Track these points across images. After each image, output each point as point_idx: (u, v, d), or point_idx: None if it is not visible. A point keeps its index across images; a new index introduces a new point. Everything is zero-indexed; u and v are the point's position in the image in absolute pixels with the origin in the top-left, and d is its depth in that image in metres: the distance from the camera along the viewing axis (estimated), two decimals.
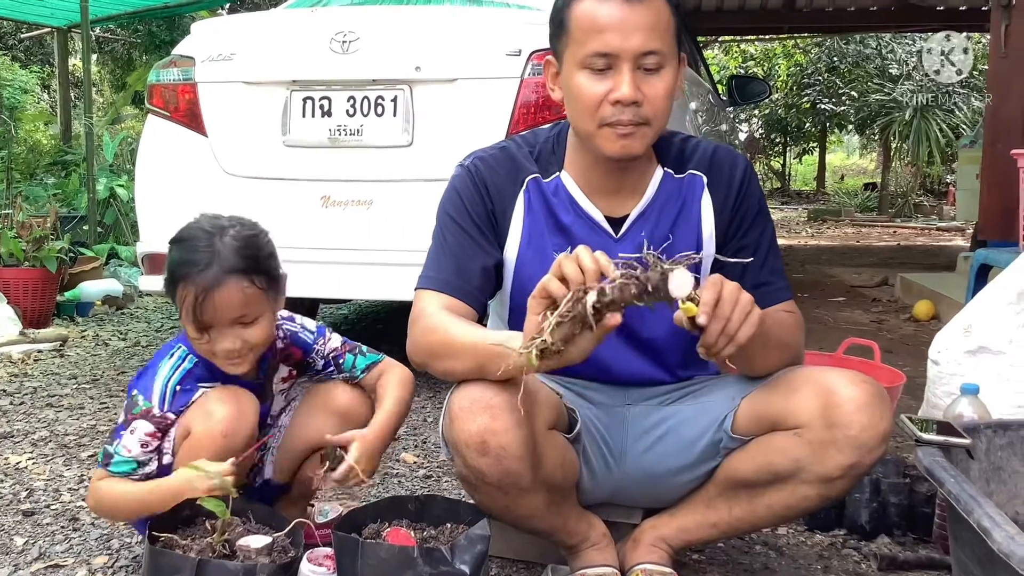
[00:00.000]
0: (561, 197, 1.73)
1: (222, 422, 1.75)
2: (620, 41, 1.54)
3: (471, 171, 1.75)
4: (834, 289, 6.95)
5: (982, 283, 3.58)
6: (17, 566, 2.00)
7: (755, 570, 1.99)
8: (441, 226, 1.75)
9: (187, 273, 1.74)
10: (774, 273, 1.76)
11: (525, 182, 1.74)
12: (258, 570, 1.52)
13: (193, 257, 1.74)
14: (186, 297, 1.74)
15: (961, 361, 2.40)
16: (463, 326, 1.59)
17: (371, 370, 2.01)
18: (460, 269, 1.70)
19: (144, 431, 1.77)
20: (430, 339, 1.61)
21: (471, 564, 1.52)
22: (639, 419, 1.80)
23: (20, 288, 4.76)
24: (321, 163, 3.39)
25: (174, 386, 1.81)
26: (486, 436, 1.51)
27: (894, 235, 13.01)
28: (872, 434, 1.55)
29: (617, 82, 1.56)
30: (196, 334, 1.78)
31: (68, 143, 8.73)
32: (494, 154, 1.77)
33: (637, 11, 1.54)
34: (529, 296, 1.39)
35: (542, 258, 1.69)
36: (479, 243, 1.72)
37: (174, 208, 3.54)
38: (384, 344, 4.37)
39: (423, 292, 1.70)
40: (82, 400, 3.42)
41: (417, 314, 1.67)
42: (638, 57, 1.55)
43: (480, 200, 1.73)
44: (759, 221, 1.76)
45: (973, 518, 1.34)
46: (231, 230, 1.78)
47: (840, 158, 29.72)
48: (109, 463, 1.77)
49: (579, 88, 1.60)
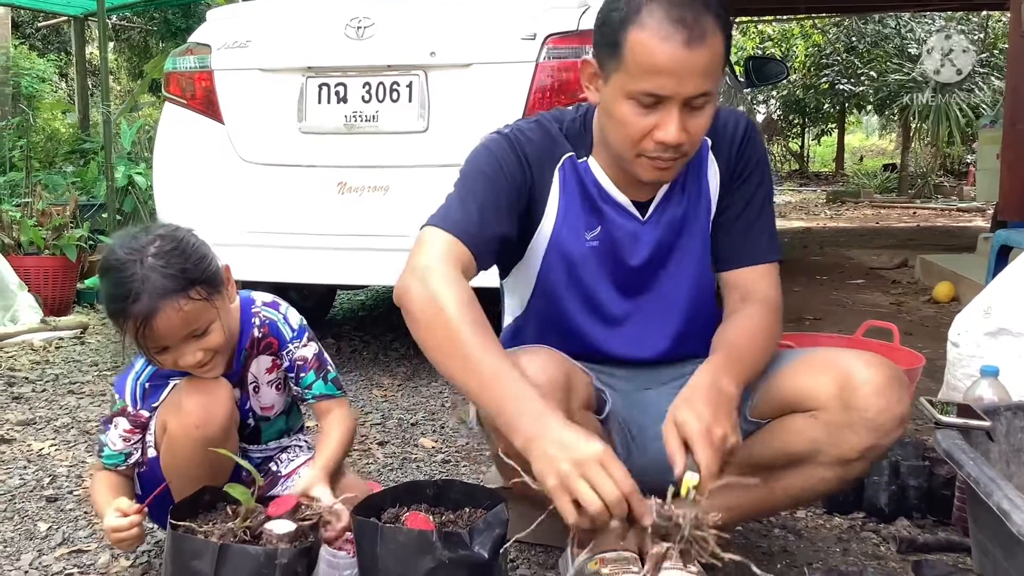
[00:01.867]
0: (590, 181, 1.71)
1: (193, 414, 1.74)
2: (675, 86, 1.47)
3: (511, 139, 1.68)
4: (853, 271, 6.91)
5: (1002, 264, 3.55)
6: (41, 551, 2.02)
7: (774, 553, 1.99)
8: (468, 178, 1.65)
9: (119, 308, 1.69)
10: (761, 231, 1.75)
11: (562, 159, 1.71)
12: (279, 555, 1.53)
13: (120, 291, 1.68)
14: (127, 330, 1.71)
15: (981, 343, 2.38)
16: (483, 339, 1.44)
17: (323, 401, 1.95)
18: (483, 220, 1.59)
19: (123, 428, 1.84)
20: (439, 330, 1.47)
21: (489, 548, 1.52)
22: (657, 403, 1.79)
23: (41, 276, 4.80)
24: (337, 149, 3.39)
25: (143, 384, 1.85)
26: None
27: (914, 216, 12.92)
28: (889, 416, 1.54)
29: (664, 121, 1.50)
30: (153, 358, 1.77)
31: (86, 131, 8.75)
32: (532, 127, 1.71)
33: (696, 54, 1.45)
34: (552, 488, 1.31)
35: (575, 236, 1.71)
36: (508, 205, 1.63)
37: (192, 195, 3.57)
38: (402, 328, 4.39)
39: (434, 231, 1.57)
40: (103, 387, 3.44)
41: (426, 262, 1.52)
42: (689, 99, 1.50)
43: (520, 169, 1.66)
44: (754, 177, 1.75)
45: (993, 500, 1.34)
46: (150, 248, 1.70)
47: (859, 139, 29.51)
48: (101, 453, 1.86)
49: (623, 117, 1.54)
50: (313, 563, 1.61)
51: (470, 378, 1.43)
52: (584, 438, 1.32)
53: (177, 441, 1.76)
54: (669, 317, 1.78)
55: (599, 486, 1.27)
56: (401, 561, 1.51)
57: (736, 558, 1.29)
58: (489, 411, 1.43)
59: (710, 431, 1.41)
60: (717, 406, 1.45)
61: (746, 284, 1.74)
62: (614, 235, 1.72)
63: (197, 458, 1.76)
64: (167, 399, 1.81)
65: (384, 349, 4.04)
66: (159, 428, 1.81)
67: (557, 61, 3.18)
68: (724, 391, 1.49)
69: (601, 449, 1.30)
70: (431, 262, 1.52)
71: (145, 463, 1.85)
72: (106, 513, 1.73)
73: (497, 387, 1.40)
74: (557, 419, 1.35)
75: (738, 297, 1.74)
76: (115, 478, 1.86)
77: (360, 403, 3.19)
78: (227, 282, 1.82)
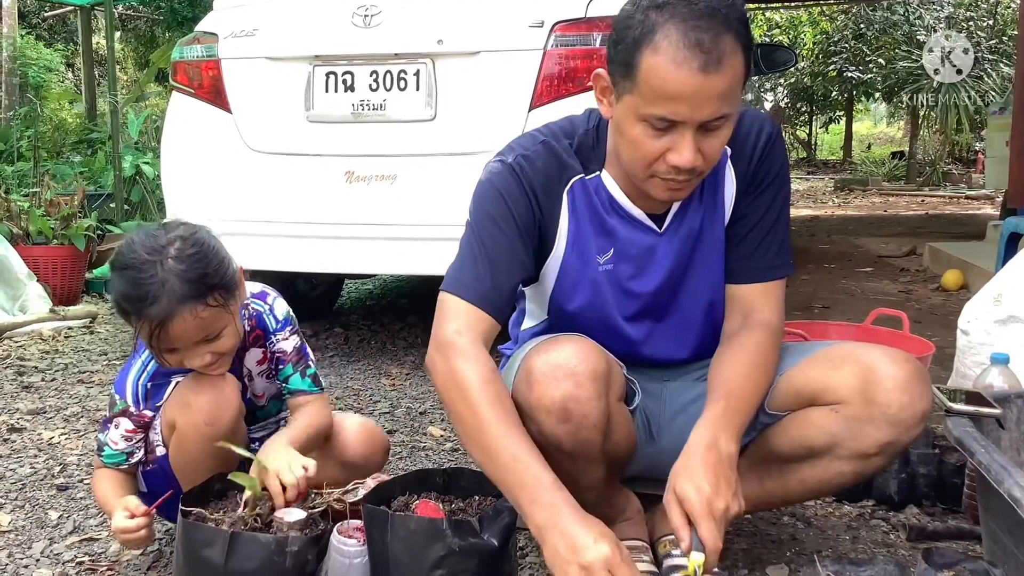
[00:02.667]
0: (602, 197, 1.65)
1: (203, 412, 1.74)
2: (690, 112, 1.42)
3: (516, 171, 1.62)
4: (861, 259, 6.89)
5: (1012, 251, 3.54)
6: (52, 539, 2.03)
7: (783, 541, 1.99)
8: (479, 228, 1.62)
9: (137, 308, 1.66)
10: (771, 246, 1.69)
11: (571, 182, 1.65)
12: (289, 543, 1.53)
13: (137, 292, 1.65)
14: (141, 329, 1.70)
15: (991, 330, 2.37)
16: (501, 419, 1.46)
17: (299, 396, 1.93)
18: (496, 282, 1.58)
19: (125, 427, 1.83)
20: (460, 407, 1.49)
21: (499, 535, 1.53)
22: (676, 395, 1.80)
23: (49, 266, 4.81)
24: (345, 138, 3.39)
25: (144, 384, 1.84)
26: (569, 404, 1.50)
27: (922, 204, 12.87)
28: (911, 413, 1.53)
29: (678, 145, 1.45)
30: (161, 357, 1.75)
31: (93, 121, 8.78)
32: (537, 151, 1.64)
33: (712, 80, 1.39)
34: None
35: (585, 262, 1.67)
36: (519, 255, 1.62)
37: (200, 184, 3.58)
38: (411, 316, 4.40)
39: (453, 300, 1.58)
40: (113, 376, 3.43)
41: (447, 337, 1.54)
42: (705, 122, 1.45)
43: (528, 206, 1.62)
44: (772, 188, 1.68)
45: (1004, 488, 1.34)
46: (171, 249, 1.68)
47: (867, 127, 29.39)
48: (101, 453, 1.84)
49: (635, 138, 1.49)
50: (324, 551, 1.62)
51: (488, 460, 1.46)
52: (593, 539, 1.33)
53: (187, 438, 1.76)
54: (688, 331, 1.76)
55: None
56: (411, 549, 1.51)
57: None
58: (506, 495, 1.46)
59: (711, 504, 1.40)
60: (717, 472, 1.44)
61: (749, 302, 1.69)
62: (629, 253, 1.67)
63: (207, 454, 1.76)
64: (173, 396, 1.80)
65: (392, 338, 4.04)
66: (166, 426, 1.81)
67: (565, 48, 3.17)
68: (723, 451, 1.47)
69: (608, 553, 1.32)
70: (451, 337, 1.54)
71: (154, 462, 1.85)
72: (115, 512, 1.73)
73: (514, 473, 1.42)
74: (568, 509, 1.37)
75: (739, 316, 1.70)
76: (118, 475, 1.85)
77: (368, 392, 3.20)
78: (240, 284, 1.80)
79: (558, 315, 1.75)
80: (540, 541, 1.38)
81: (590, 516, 1.38)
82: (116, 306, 1.74)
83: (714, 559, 1.39)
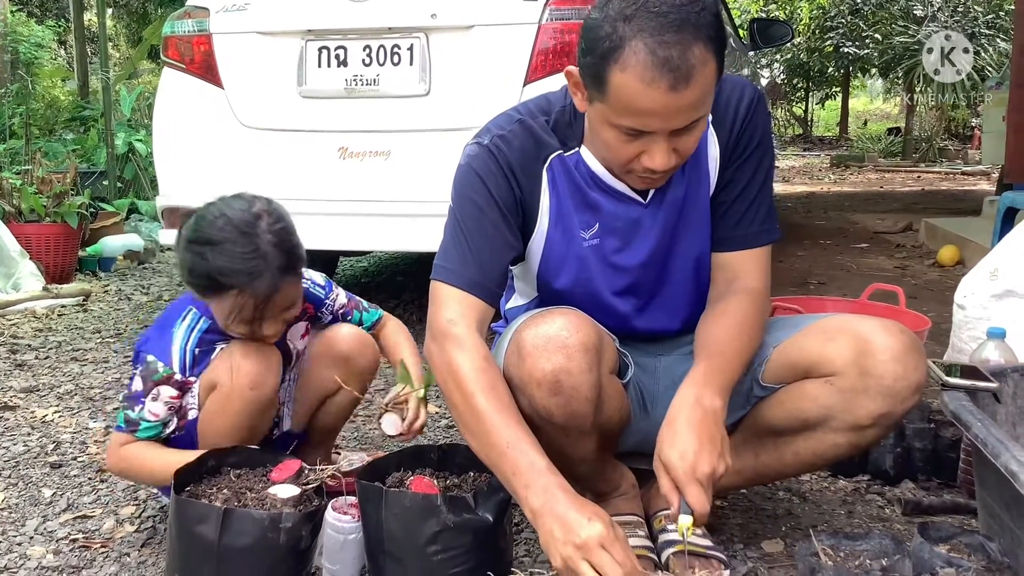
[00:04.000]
0: (583, 172, 1.63)
1: (249, 375, 1.76)
2: (660, 124, 1.40)
3: (493, 152, 1.61)
4: (857, 235, 6.89)
5: (1008, 227, 3.52)
6: (46, 517, 2.02)
7: (778, 516, 1.99)
8: (461, 213, 1.62)
9: (242, 282, 1.70)
10: (756, 213, 1.67)
11: (548, 160, 1.63)
12: (283, 519, 1.53)
13: (245, 266, 1.69)
14: (241, 304, 1.73)
15: (987, 305, 2.37)
16: (496, 406, 1.47)
17: (375, 327, 2.09)
18: (483, 267, 1.59)
19: (168, 395, 1.79)
20: (456, 396, 1.51)
21: (494, 511, 1.52)
22: (670, 369, 1.79)
23: (42, 244, 4.79)
24: (338, 114, 3.36)
25: (192, 350, 1.82)
26: (560, 376, 1.50)
27: (918, 180, 12.86)
28: (905, 384, 1.52)
29: (651, 150, 1.44)
30: (244, 329, 1.78)
31: (86, 98, 8.70)
32: (514, 130, 1.63)
33: (683, 96, 1.35)
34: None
35: (569, 238, 1.66)
36: (504, 236, 1.62)
37: (192, 161, 3.55)
38: (406, 294, 4.38)
39: (444, 288, 1.59)
40: (106, 354, 3.44)
41: (441, 326, 1.55)
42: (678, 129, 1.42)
43: (507, 185, 1.61)
44: (755, 155, 1.66)
45: (1000, 462, 1.33)
46: (262, 224, 1.73)
47: (863, 103, 29.31)
48: (136, 429, 1.78)
49: (608, 142, 1.48)
50: (318, 527, 1.61)
51: (483, 447, 1.48)
52: (587, 518, 1.33)
53: (229, 399, 1.77)
54: (678, 301, 1.75)
55: (602, 567, 1.30)
56: (406, 525, 1.51)
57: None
58: (502, 481, 1.47)
59: (695, 469, 1.41)
60: (701, 432, 1.44)
61: (735, 269, 1.68)
62: (614, 227, 1.66)
63: (243, 418, 1.78)
64: (219, 359, 1.81)
65: None
66: (205, 388, 1.81)
67: (560, 22, 3.14)
68: (707, 407, 1.47)
69: (603, 531, 1.32)
70: (444, 325, 1.55)
71: (183, 428, 1.83)
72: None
73: (509, 459, 1.43)
74: (562, 493, 1.37)
75: (725, 281, 1.69)
76: (158, 450, 1.81)
77: None
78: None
79: (546, 293, 1.74)
80: (535, 526, 1.37)
81: (584, 499, 1.38)
82: (204, 280, 1.73)
83: (702, 521, 1.40)
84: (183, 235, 1.78)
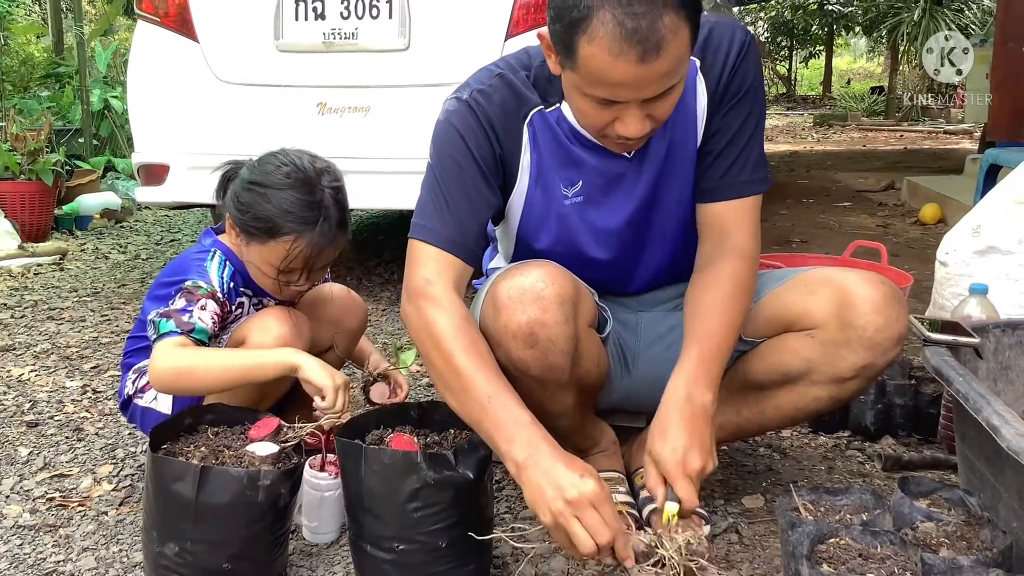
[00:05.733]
0: (564, 128, 1.58)
1: (278, 340, 1.77)
2: (631, 94, 1.35)
3: (473, 107, 1.56)
4: (840, 194, 6.89)
5: (991, 184, 3.52)
6: (22, 476, 2.00)
7: (759, 472, 2.00)
8: (440, 169, 1.58)
9: (298, 230, 1.76)
10: (746, 162, 1.60)
11: (529, 115, 1.58)
12: (261, 476, 1.51)
13: (307, 213, 1.76)
14: (296, 252, 1.77)
15: (969, 261, 2.36)
16: (475, 363, 1.44)
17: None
18: (462, 225, 1.55)
19: (213, 309, 1.78)
20: (434, 356, 1.48)
21: (475, 469, 1.51)
22: (652, 325, 1.77)
23: (17, 201, 4.72)
24: (316, 68, 3.31)
25: (228, 282, 1.84)
26: (535, 328, 1.48)
27: (900, 139, 12.86)
28: (887, 335, 1.52)
29: (624, 118, 1.39)
30: (272, 273, 1.81)
31: (60, 55, 8.55)
32: (494, 85, 1.58)
33: (653, 67, 1.29)
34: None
35: (550, 196, 1.62)
36: (483, 194, 1.57)
37: (167, 117, 3.49)
38: (386, 253, 4.35)
39: (421, 246, 1.55)
40: (83, 313, 3.40)
41: (418, 286, 1.51)
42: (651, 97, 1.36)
43: (487, 142, 1.57)
44: (745, 101, 1.59)
45: (982, 416, 1.33)
46: (324, 179, 1.80)
47: (847, 62, 29.25)
48: (192, 330, 1.73)
49: (581, 109, 1.44)
50: (296, 485, 1.60)
51: (463, 405, 1.45)
52: (579, 475, 1.31)
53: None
54: (661, 258, 1.72)
55: (592, 529, 1.28)
56: (385, 482, 1.49)
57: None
58: (484, 438, 1.45)
59: (685, 464, 1.39)
60: (691, 430, 1.42)
61: (724, 223, 1.61)
62: (598, 183, 1.62)
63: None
64: (255, 318, 1.83)
65: (368, 274, 4.00)
66: (234, 340, 1.83)
67: None
68: (698, 404, 1.44)
69: (595, 488, 1.30)
70: (420, 285, 1.52)
71: None
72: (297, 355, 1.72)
73: (490, 415, 1.40)
74: (548, 447, 1.35)
75: (714, 239, 1.62)
76: (222, 351, 1.81)
77: None
78: None
79: (528, 252, 1.70)
80: (520, 481, 1.36)
81: (570, 454, 1.37)
82: (263, 222, 1.77)
83: (689, 511, 1.39)
84: (243, 176, 1.82)
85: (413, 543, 1.48)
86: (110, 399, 2.46)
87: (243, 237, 1.82)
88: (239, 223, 1.81)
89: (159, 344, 1.72)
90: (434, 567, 1.50)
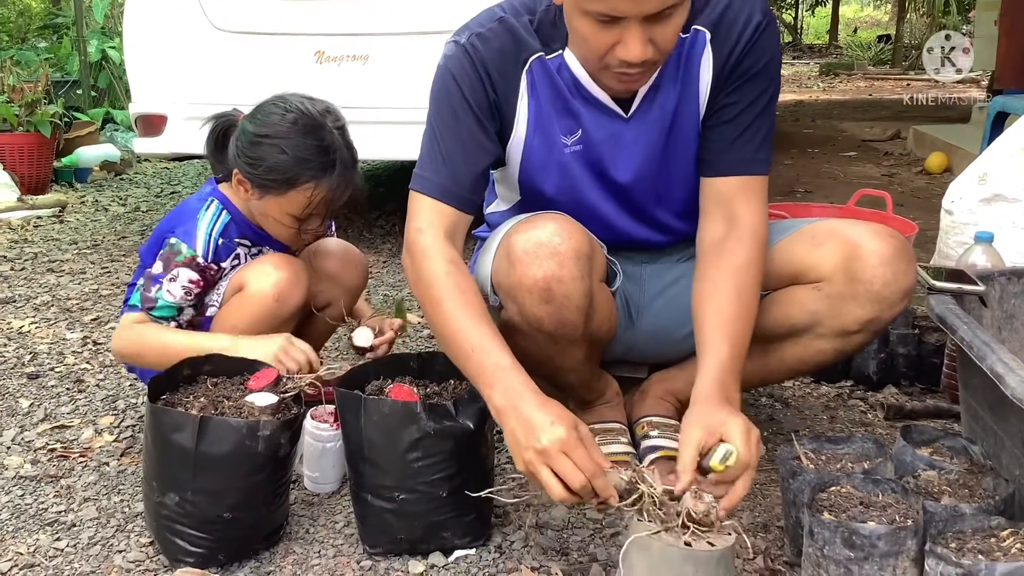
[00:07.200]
0: (565, 78, 1.54)
1: (276, 285, 1.76)
2: (631, 7, 1.30)
3: (469, 52, 1.53)
4: (845, 143, 6.83)
5: (998, 132, 3.47)
6: (23, 427, 2.00)
7: (761, 422, 1.99)
8: (436, 117, 1.56)
9: (316, 176, 1.75)
10: (752, 139, 1.56)
11: (529, 62, 1.54)
12: (261, 427, 1.50)
13: (323, 158, 1.75)
14: (316, 198, 1.76)
15: (975, 210, 2.34)
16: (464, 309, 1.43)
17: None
18: (455, 173, 1.53)
19: (187, 278, 1.78)
20: (425, 303, 1.49)
21: (475, 418, 1.50)
22: (656, 277, 1.75)
23: (16, 153, 4.69)
24: (314, 16, 3.26)
25: (217, 237, 1.82)
26: (552, 284, 1.46)
27: (907, 88, 12.70)
28: (894, 289, 1.50)
29: (625, 39, 1.34)
30: (292, 223, 1.80)
31: (58, 5, 8.46)
32: (493, 28, 1.54)
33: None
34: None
35: (550, 145, 1.58)
36: (478, 140, 1.55)
37: (164, 66, 3.45)
38: (388, 204, 4.33)
39: (417, 197, 1.54)
40: (83, 265, 3.39)
41: (411, 236, 1.51)
42: (652, 14, 1.32)
43: (481, 87, 1.53)
44: (754, 82, 1.54)
45: (987, 364, 1.31)
46: (329, 120, 1.78)
47: (854, 10, 28.84)
48: (152, 307, 1.77)
49: (581, 32, 1.39)
50: (296, 435, 1.59)
51: (451, 350, 1.45)
52: (550, 421, 1.28)
53: (251, 303, 1.78)
54: (666, 215, 1.68)
55: (564, 474, 1.26)
56: (385, 432, 1.49)
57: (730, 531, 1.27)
58: (471, 382, 1.44)
59: (750, 431, 1.30)
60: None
61: (732, 202, 1.55)
62: (595, 138, 1.58)
63: (257, 326, 1.78)
64: (255, 264, 1.82)
65: (369, 226, 3.98)
66: (232, 286, 1.81)
67: None
68: (732, 400, 1.37)
69: (563, 435, 1.27)
70: (414, 236, 1.52)
71: (200, 324, 1.84)
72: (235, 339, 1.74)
73: (474, 360, 1.40)
74: (526, 391, 1.33)
75: (722, 220, 1.55)
76: (171, 331, 1.79)
77: None
78: None
79: (532, 198, 1.67)
80: (500, 425, 1.35)
81: (549, 399, 1.34)
82: (278, 174, 1.75)
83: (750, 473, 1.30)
84: (247, 128, 1.79)
85: (413, 492, 1.48)
86: (111, 351, 2.46)
87: (256, 192, 1.79)
88: (251, 178, 1.78)
89: (122, 318, 1.82)
90: (434, 516, 1.50)
